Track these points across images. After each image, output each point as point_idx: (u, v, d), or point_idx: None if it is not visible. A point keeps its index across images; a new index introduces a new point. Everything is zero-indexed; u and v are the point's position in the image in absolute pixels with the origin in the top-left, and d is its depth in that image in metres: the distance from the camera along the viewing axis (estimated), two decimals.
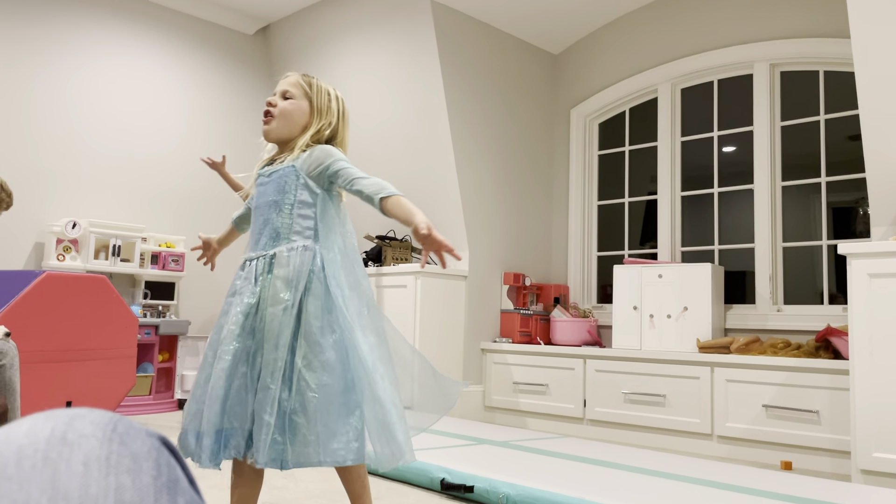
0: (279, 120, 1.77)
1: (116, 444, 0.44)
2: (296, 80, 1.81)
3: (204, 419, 1.55)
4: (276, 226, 1.69)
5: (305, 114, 1.78)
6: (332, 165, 1.70)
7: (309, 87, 1.81)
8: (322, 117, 1.79)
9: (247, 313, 1.62)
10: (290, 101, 1.78)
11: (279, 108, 1.77)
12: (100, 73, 4.62)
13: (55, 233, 4.17)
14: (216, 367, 1.57)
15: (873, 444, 2.65)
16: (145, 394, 4.23)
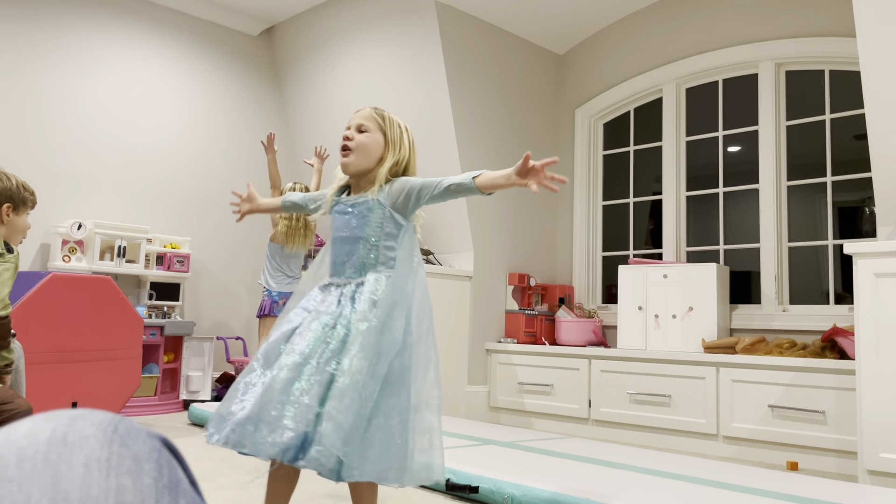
0: (357, 153, 1.84)
1: (117, 446, 0.44)
2: (369, 114, 1.89)
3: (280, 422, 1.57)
4: (363, 256, 1.78)
5: (380, 146, 1.86)
6: (414, 187, 1.78)
7: (382, 120, 1.89)
8: (396, 149, 1.86)
9: (325, 332, 1.67)
10: (366, 135, 1.86)
11: (356, 141, 1.85)
12: (105, 75, 4.63)
13: (60, 234, 4.18)
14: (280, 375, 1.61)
15: (880, 444, 2.64)
16: (150, 394, 4.23)
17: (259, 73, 5.47)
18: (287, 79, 5.51)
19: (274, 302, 4.04)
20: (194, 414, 3.75)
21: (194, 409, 3.77)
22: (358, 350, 1.60)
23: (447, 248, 4.58)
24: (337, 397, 1.55)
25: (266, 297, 4.06)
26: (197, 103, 5.08)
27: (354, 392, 1.56)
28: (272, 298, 4.04)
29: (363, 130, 1.86)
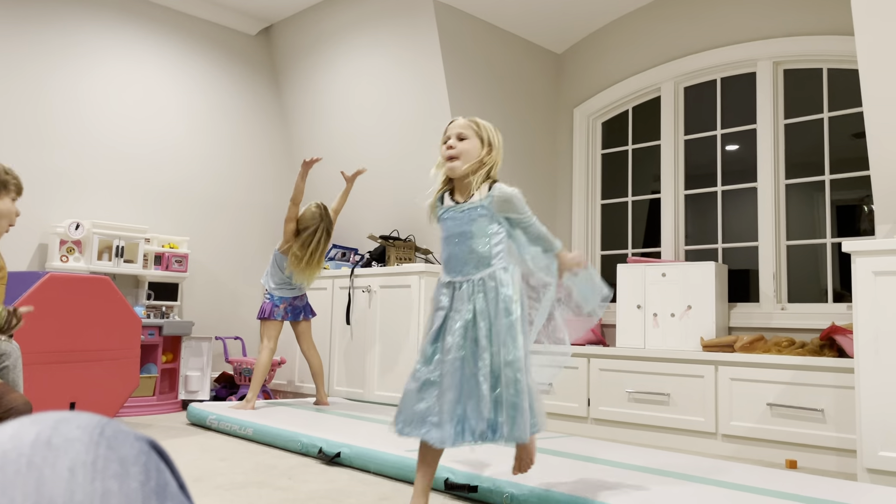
0: (462, 159, 2.07)
1: (103, 449, 0.43)
2: (466, 123, 2.12)
3: (443, 412, 1.89)
4: (480, 254, 2.02)
5: (479, 150, 2.09)
6: (515, 211, 2.07)
7: (477, 127, 2.12)
8: (492, 151, 2.11)
9: (465, 327, 1.95)
10: (467, 141, 2.08)
11: (459, 148, 2.07)
12: (102, 75, 4.62)
13: (58, 234, 4.17)
14: (445, 370, 1.92)
15: (879, 442, 2.64)
16: (149, 395, 4.23)
17: (257, 73, 5.46)
18: (285, 78, 5.50)
19: (275, 306, 4.03)
20: (193, 414, 3.74)
21: (193, 408, 3.77)
22: (503, 341, 1.91)
23: None
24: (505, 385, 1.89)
25: (267, 301, 4.06)
26: (195, 103, 5.08)
27: (513, 375, 1.88)
28: (273, 302, 4.04)
29: (463, 138, 2.09)
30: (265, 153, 5.45)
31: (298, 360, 4.87)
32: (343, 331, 4.61)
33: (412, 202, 4.75)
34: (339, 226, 5.34)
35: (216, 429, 3.54)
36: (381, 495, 2.32)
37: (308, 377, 4.82)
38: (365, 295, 4.49)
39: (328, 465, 2.77)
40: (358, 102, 4.96)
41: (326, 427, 3.19)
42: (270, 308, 4.01)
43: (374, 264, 4.64)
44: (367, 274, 4.51)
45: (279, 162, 5.54)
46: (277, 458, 2.90)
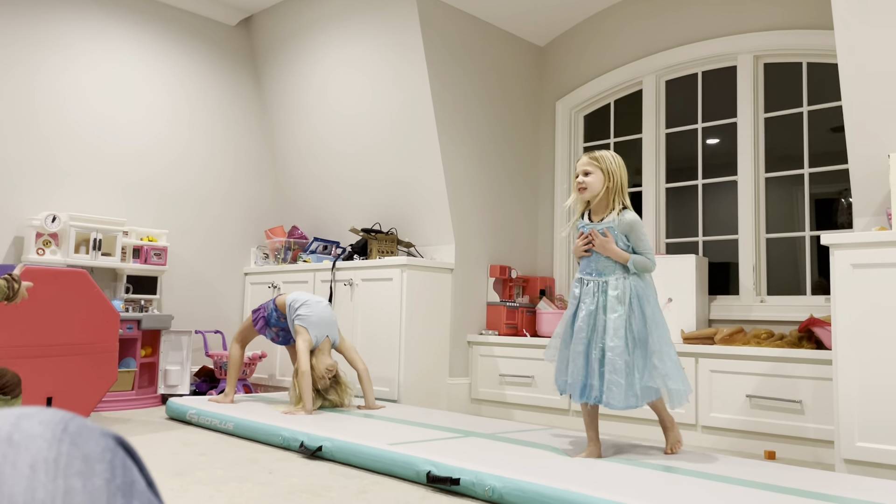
0: (589, 190, 2.65)
1: (67, 445, 0.42)
2: (587, 160, 2.67)
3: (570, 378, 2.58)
4: (606, 262, 2.61)
5: (602, 181, 2.64)
6: (637, 244, 2.61)
7: (597, 161, 2.66)
8: (614, 178, 2.64)
9: (591, 316, 2.56)
10: (592, 175, 2.65)
11: (586, 181, 2.65)
12: (81, 66, 4.55)
13: (35, 226, 4.11)
14: (573, 350, 2.57)
15: (856, 433, 2.67)
16: (128, 389, 4.19)
17: (237, 64, 5.41)
18: (265, 69, 5.45)
19: (268, 326, 3.88)
20: (172, 408, 3.71)
21: (172, 403, 3.73)
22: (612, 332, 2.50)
23: (428, 241, 4.56)
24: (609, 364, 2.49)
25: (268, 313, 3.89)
26: (174, 94, 5.02)
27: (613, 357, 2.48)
28: (269, 322, 3.88)
29: (588, 173, 2.65)
30: (245, 145, 5.41)
31: (280, 354, 4.85)
32: None
33: (394, 195, 4.74)
34: (321, 219, 5.32)
35: (196, 423, 3.51)
36: (363, 488, 2.31)
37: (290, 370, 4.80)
38: (347, 288, 4.47)
39: (310, 459, 2.76)
40: (339, 94, 4.93)
41: (308, 421, 3.18)
42: (263, 325, 3.91)
43: (355, 257, 4.62)
44: (349, 267, 4.49)
45: (259, 154, 5.50)
46: (259, 452, 2.89)
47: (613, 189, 2.62)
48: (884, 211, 3.05)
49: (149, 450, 2.88)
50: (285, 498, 2.16)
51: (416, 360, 4.16)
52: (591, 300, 2.58)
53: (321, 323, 3.65)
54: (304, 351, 3.54)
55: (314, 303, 3.73)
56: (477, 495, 2.20)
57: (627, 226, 2.60)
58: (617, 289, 2.55)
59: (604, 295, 2.56)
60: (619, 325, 2.50)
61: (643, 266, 2.58)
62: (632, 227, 2.59)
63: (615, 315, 2.51)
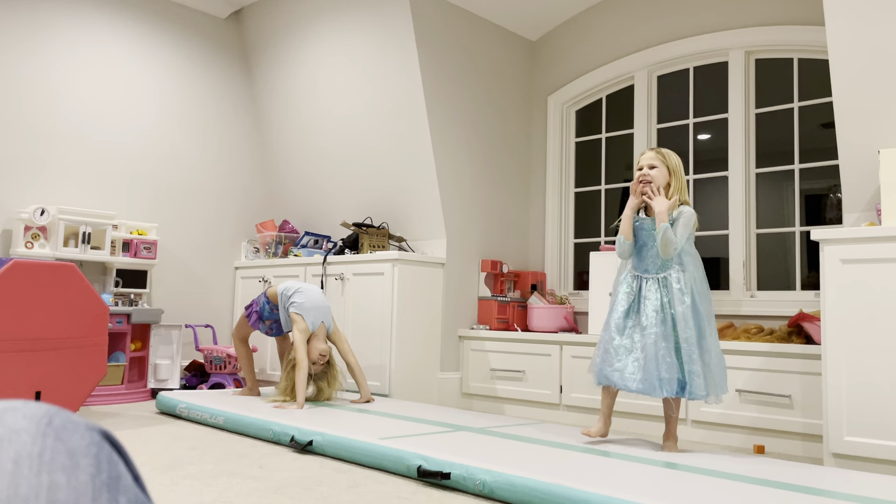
0: (654, 183, 2.69)
1: (51, 440, 0.41)
2: (654, 155, 2.74)
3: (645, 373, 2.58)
4: (661, 260, 2.68)
5: (666, 176, 2.71)
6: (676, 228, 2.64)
7: (664, 157, 2.73)
8: (677, 176, 2.72)
9: (658, 310, 2.62)
10: (657, 169, 2.70)
11: (651, 175, 2.70)
12: (70, 58, 4.52)
13: (23, 220, 4.08)
14: (646, 342, 2.60)
15: (845, 427, 2.69)
16: (117, 383, 4.17)
17: (227, 57, 5.38)
18: (256, 62, 5.42)
19: (261, 319, 3.87)
20: (162, 402, 3.69)
21: (162, 397, 3.72)
22: (683, 323, 2.57)
23: (420, 235, 4.56)
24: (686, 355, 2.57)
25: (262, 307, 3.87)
26: (164, 87, 4.99)
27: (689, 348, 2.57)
28: (262, 315, 3.86)
29: (653, 167, 2.71)
30: (236, 138, 5.38)
31: (270, 349, 4.84)
32: None
33: (385, 189, 4.73)
34: (312, 213, 5.30)
35: (186, 417, 3.50)
36: (354, 482, 2.31)
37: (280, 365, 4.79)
38: (338, 283, 4.46)
39: (300, 453, 2.76)
40: (330, 87, 4.91)
41: (299, 415, 3.17)
42: (257, 319, 3.90)
43: (347, 252, 4.61)
44: (340, 261, 4.48)
45: (250, 147, 5.48)
46: (249, 446, 2.88)
47: (677, 187, 2.69)
48: (873, 206, 3.07)
49: (138, 444, 2.86)
50: (276, 492, 2.15)
51: (408, 354, 4.16)
52: (654, 295, 2.64)
53: (316, 308, 3.64)
54: (302, 342, 3.52)
55: (307, 289, 3.73)
56: (468, 489, 2.20)
57: (682, 215, 2.65)
58: (679, 282, 2.63)
59: (667, 289, 2.64)
60: (689, 315, 2.58)
61: (667, 240, 2.60)
62: (681, 214, 2.64)
63: (683, 307, 2.59)
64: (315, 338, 3.59)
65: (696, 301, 2.61)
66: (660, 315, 2.60)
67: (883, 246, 2.66)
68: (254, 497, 2.09)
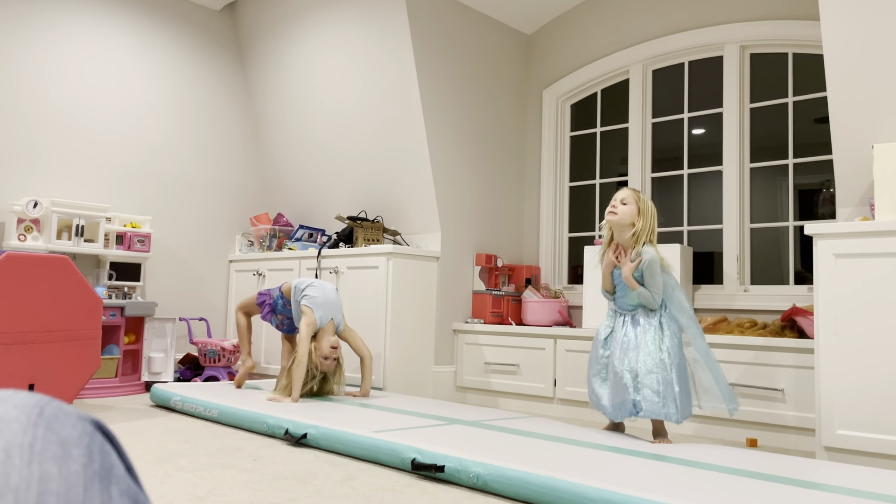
0: (620, 217, 2.84)
1: (42, 430, 0.41)
2: (630, 193, 2.87)
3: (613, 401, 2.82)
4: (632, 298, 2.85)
5: (634, 214, 2.84)
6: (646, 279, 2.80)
7: (637, 198, 2.87)
8: (645, 218, 2.84)
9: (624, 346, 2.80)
10: (627, 206, 2.85)
11: (620, 210, 2.85)
12: (64, 50, 4.49)
13: (16, 212, 4.06)
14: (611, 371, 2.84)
15: (837, 421, 2.70)
16: (111, 376, 4.16)
17: (222, 49, 5.36)
18: (250, 54, 5.40)
19: (274, 312, 3.83)
20: (156, 395, 3.69)
21: (156, 390, 3.71)
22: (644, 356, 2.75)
23: (414, 229, 4.55)
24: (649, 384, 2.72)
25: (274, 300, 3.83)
26: (158, 79, 4.96)
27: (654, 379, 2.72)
28: (275, 308, 3.82)
29: (625, 203, 2.85)
30: (230, 131, 5.36)
31: (265, 341, 4.83)
32: None
33: (380, 182, 4.72)
34: (307, 206, 5.29)
35: (180, 410, 3.49)
36: (348, 475, 2.31)
37: (275, 358, 4.78)
38: (332, 276, 4.46)
39: (295, 446, 2.76)
40: (325, 80, 4.90)
41: (293, 408, 3.17)
42: (269, 312, 3.85)
43: (341, 245, 4.60)
44: (335, 255, 4.48)
45: (244, 140, 5.46)
46: (243, 439, 2.88)
47: (643, 229, 2.82)
48: (867, 201, 3.08)
49: (132, 437, 2.86)
50: (270, 485, 2.15)
51: (402, 348, 4.16)
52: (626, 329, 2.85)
53: (327, 304, 3.61)
54: (306, 337, 3.48)
55: (321, 284, 3.71)
56: (461, 482, 2.21)
57: (644, 262, 2.80)
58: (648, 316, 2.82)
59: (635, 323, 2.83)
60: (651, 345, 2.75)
61: (645, 299, 2.80)
62: (648, 264, 2.79)
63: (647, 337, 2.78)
64: (324, 333, 3.55)
65: (664, 332, 2.78)
66: (625, 348, 2.79)
67: (876, 241, 2.67)
68: (248, 490, 2.09)
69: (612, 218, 2.86)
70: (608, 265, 2.91)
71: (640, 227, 2.82)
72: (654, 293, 2.79)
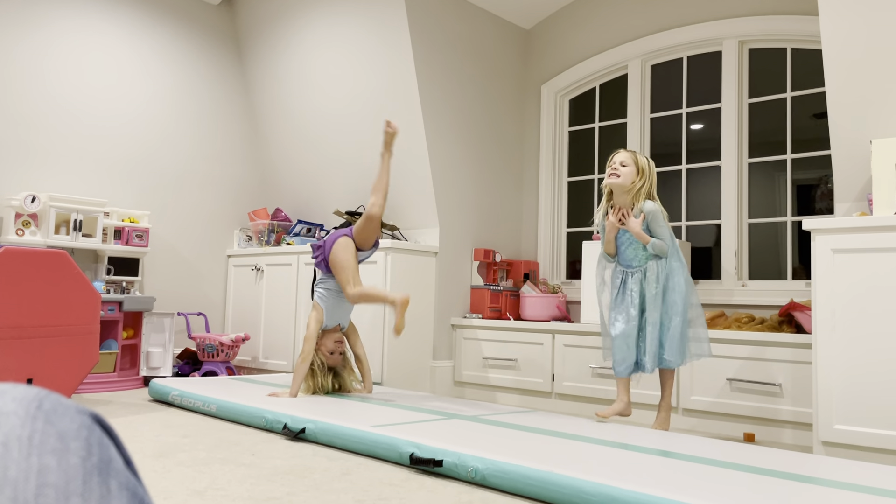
0: (623, 179, 2.91)
1: (41, 423, 0.41)
2: (627, 155, 2.95)
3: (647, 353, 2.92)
4: (639, 252, 2.95)
5: (634, 175, 2.93)
6: (655, 230, 2.92)
7: (636, 157, 2.95)
8: (645, 176, 2.93)
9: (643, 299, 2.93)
10: (627, 168, 2.92)
11: (622, 171, 2.92)
12: (62, 45, 4.48)
13: (14, 207, 4.06)
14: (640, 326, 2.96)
15: (834, 416, 2.71)
16: (110, 371, 4.16)
17: (220, 44, 5.34)
18: (248, 49, 5.39)
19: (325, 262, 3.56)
20: (155, 390, 3.69)
21: (155, 384, 3.72)
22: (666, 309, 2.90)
23: (413, 224, 4.55)
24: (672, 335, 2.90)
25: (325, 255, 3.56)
26: (156, 74, 4.95)
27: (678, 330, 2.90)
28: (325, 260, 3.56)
29: (624, 165, 2.92)
30: (228, 126, 5.35)
31: (263, 335, 4.84)
32: (308, 306, 4.57)
33: None
34: (305, 201, 5.29)
35: (179, 405, 3.50)
36: (346, 470, 2.31)
37: (273, 353, 4.79)
38: None
39: (293, 440, 2.76)
40: (323, 75, 4.89)
41: (291, 403, 3.17)
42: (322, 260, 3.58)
43: None
44: None
45: (243, 135, 5.45)
46: (241, 434, 2.88)
47: (643, 189, 2.91)
48: (865, 196, 3.08)
49: (131, 431, 2.86)
50: (268, 479, 2.16)
51: (400, 342, 4.16)
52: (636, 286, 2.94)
53: (339, 310, 3.57)
54: (312, 333, 3.43)
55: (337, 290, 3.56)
56: (460, 477, 2.21)
57: (648, 214, 2.89)
58: (654, 271, 2.91)
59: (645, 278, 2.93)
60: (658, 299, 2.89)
61: (659, 249, 2.89)
62: (653, 215, 2.89)
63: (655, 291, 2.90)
64: (327, 331, 3.54)
65: (667, 287, 2.90)
66: (642, 302, 2.93)
67: (874, 236, 2.67)
68: (246, 484, 2.09)
69: (614, 181, 2.92)
70: (612, 229, 2.97)
71: (640, 186, 2.91)
72: (666, 240, 2.90)
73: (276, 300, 4.82)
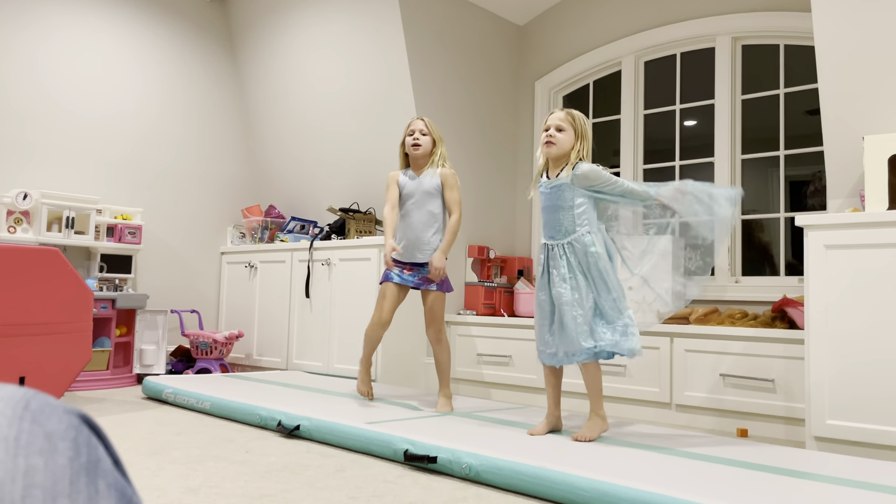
0: (558, 146, 2.57)
1: (28, 423, 0.40)
2: (563, 116, 2.59)
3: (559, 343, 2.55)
4: (565, 221, 2.56)
5: (572, 139, 2.58)
6: (599, 181, 2.54)
7: (573, 119, 2.59)
8: (583, 140, 2.59)
9: (564, 279, 2.52)
10: (563, 132, 2.57)
11: (556, 137, 2.57)
12: (54, 42, 4.45)
13: (6, 204, 4.04)
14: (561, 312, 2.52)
15: (826, 411, 2.72)
16: (103, 369, 4.15)
17: (213, 40, 5.32)
18: (241, 45, 5.37)
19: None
20: (149, 388, 3.68)
21: (149, 382, 3.71)
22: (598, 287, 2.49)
23: None
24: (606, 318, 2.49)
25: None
26: (149, 70, 4.93)
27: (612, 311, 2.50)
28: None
29: (560, 129, 2.57)
30: (221, 122, 5.34)
31: (257, 332, 4.83)
32: (302, 304, 4.57)
33: (372, 174, 4.71)
34: (299, 198, 5.27)
35: (172, 402, 3.49)
36: (341, 466, 2.31)
37: (267, 350, 4.78)
38: (324, 268, 4.45)
39: (287, 438, 2.76)
40: (317, 72, 4.87)
41: (286, 400, 3.17)
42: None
43: (333, 237, 4.59)
44: (327, 247, 4.47)
45: (236, 131, 5.43)
46: (235, 431, 2.88)
47: (581, 152, 2.58)
48: (857, 193, 3.09)
49: (124, 429, 2.86)
50: (262, 477, 2.16)
51: (394, 339, 4.16)
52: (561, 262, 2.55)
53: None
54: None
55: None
56: (454, 473, 2.21)
57: (583, 177, 2.52)
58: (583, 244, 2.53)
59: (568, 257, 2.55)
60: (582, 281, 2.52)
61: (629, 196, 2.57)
62: (587, 176, 2.52)
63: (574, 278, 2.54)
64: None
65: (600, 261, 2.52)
66: (570, 282, 2.51)
67: (866, 232, 2.68)
68: (240, 481, 2.09)
69: (550, 150, 2.58)
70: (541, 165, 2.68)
71: (579, 149, 2.58)
72: (622, 185, 2.55)
73: (269, 297, 4.81)
